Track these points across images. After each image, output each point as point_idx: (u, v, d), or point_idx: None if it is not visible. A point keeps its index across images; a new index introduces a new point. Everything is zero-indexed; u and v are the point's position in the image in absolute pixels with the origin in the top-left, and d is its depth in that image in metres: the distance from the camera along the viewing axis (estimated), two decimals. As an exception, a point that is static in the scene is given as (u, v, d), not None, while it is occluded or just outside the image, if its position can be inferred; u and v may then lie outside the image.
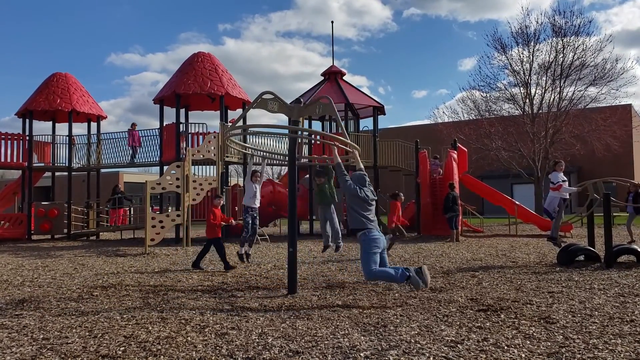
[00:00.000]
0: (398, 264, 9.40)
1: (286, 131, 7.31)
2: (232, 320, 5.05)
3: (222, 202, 9.29)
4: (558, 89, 26.71)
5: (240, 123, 9.32)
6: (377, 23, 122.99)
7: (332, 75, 20.35)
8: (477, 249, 12.24)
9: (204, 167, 17.40)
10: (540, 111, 27.06)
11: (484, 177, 31.07)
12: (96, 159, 18.49)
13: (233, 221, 9.76)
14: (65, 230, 17.90)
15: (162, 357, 3.94)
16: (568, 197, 10.04)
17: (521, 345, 4.07)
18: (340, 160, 6.86)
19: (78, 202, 19.58)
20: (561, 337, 4.29)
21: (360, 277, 7.74)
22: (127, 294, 6.65)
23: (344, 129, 7.67)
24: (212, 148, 15.05)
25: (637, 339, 4.18)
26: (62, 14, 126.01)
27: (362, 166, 6.94)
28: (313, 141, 17.93)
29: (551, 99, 26.88)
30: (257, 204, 9.43)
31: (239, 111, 18.34)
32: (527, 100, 27.29)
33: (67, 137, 18.66)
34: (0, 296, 6.69)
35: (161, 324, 4.94)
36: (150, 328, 4.79)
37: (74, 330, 4.76)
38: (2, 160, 17.64)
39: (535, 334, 4.40)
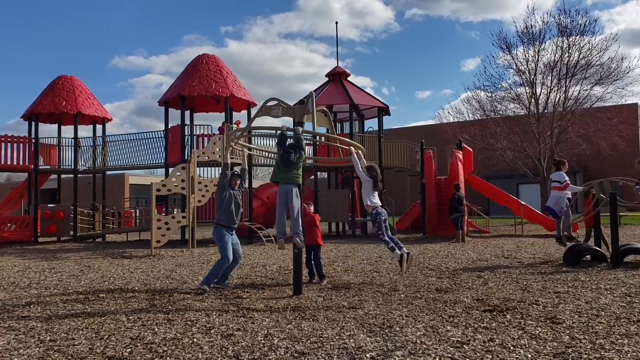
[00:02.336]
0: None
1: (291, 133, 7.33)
2: (238, 322, 5.06)
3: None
4: (563, 88, 26.56)
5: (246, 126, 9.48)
6: (380, 24, 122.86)
7: (337, 76, 20.31)
8: (482, 249, 12.20)
9: (209, 168, 17.43)
10: (546, 111, 26.93)
11: (490, 178, 30.98)
12: (102, 161, 18.58)
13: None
14: (72, 233, 17.97)
15: (168, 358, 3.96)
16: (571, 196, 10.04)
17: (527, 346, 4.06)
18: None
19: (84, 205, 19.66)
20: (567, 337, 4.28)
21: (365, 277, 7.79)
22: (133, 296, 6.67)
23: (336, 140, 7.75)
24: (217, 150, 15.07)
25: (644, 339, 4.16)
26: (66, 17, 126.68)
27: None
28: (318, 143, 17.92)
29: (557, 99, 26.73)
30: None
31: (244, 113, 18.36)
32: (533, 100, 27.16)
33: (73, 140, 18.74)
34: (7, 298, 6.73)
35: (167, 326, 4.95)
36: (156, 329, 4.81)
37: (80, 332, 4.78)
38: (9, 162, 17.74)
39: (541, 334, 4.39)
